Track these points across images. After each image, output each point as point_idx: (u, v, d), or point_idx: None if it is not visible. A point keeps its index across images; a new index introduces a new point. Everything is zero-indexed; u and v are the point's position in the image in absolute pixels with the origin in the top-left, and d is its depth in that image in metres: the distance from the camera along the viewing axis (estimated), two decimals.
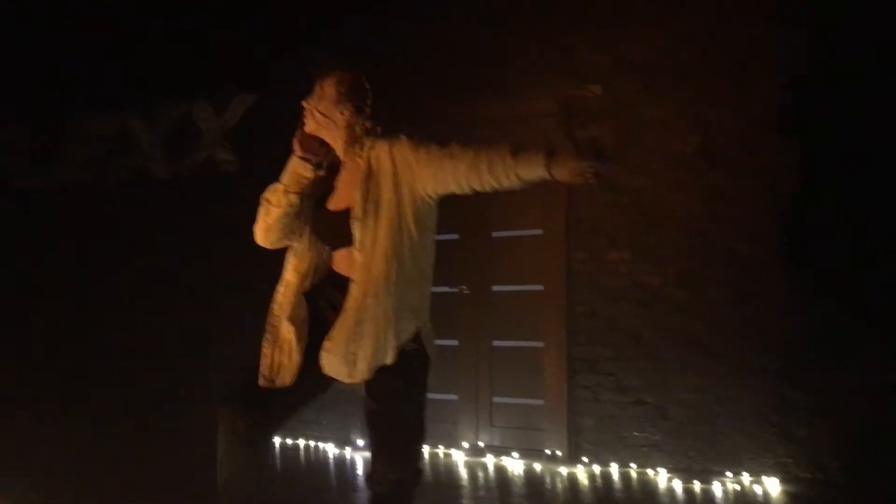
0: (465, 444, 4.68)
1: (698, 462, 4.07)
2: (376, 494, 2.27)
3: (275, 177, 5.03)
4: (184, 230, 5.61)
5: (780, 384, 3.91)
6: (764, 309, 3.95)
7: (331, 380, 2.28)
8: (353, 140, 2.38)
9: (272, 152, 5.23)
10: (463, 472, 4.26)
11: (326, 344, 2.21)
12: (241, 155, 5.56)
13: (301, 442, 5.08)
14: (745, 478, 3.87)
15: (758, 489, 3.77)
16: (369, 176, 2.31)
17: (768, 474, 3.86)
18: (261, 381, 2.25)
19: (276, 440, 5.08)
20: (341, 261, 2.36)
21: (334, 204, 2.38)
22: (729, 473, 3.90)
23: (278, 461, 4.61)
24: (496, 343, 4.86)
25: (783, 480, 3.80)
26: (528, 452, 4.49)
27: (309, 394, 2.34)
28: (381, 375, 2.22)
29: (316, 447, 5.00)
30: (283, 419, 2.30)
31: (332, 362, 2.21)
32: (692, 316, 4.09)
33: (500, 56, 4.69)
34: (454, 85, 4.83)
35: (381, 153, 2.32)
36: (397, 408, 2.27)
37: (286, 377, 2.24)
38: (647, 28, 4.33)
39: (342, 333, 2.20)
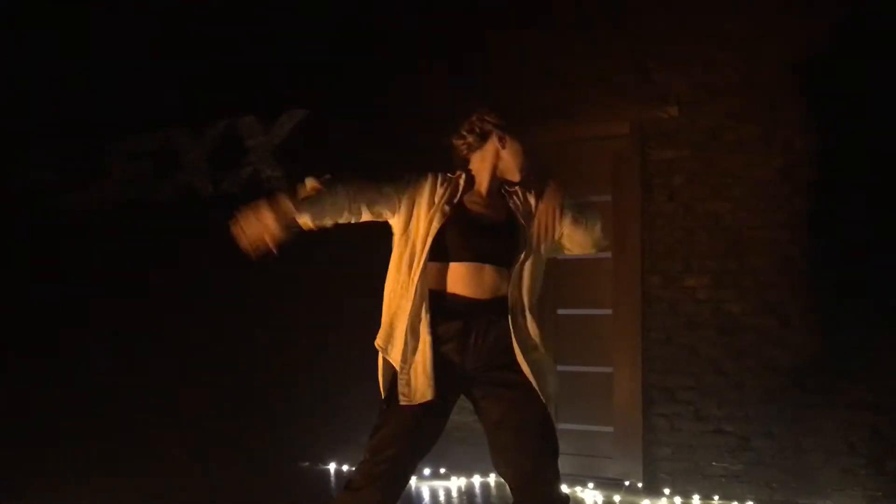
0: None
1: (781, 493, 3.98)
2: None
3: None
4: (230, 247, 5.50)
5: (871, 415, 3.83)
6: (854, 338, 3.87)
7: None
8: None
9: (320, 168, 5.28)
10: None
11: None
12: (289, 171, 5.46)
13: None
14: None
15: None
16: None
17: None
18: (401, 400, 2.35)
19: (332, 467, 4.95)
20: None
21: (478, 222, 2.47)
22: None
23: None
24: (561, 368, 4.76)
25: None
26: (601, 482, 4.39)
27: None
28: None
29: None
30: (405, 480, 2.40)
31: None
32: (777, 344, 4.01)
33: (574, 78, 4.61)
34: (527, 108, 4.75)
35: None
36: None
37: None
38: (726, 51, 4.25)
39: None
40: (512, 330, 2.39)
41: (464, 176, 2.55)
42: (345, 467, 4.98)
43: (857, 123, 3.95)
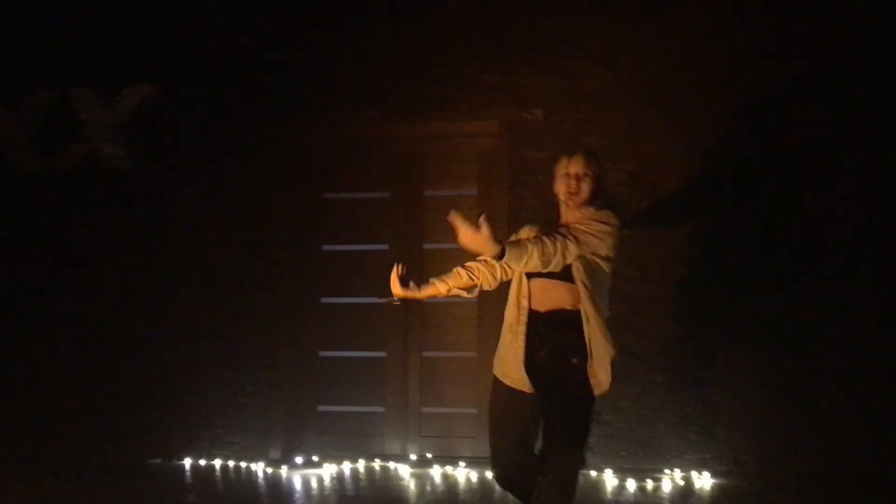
0: (412, 456, 4.70)
1: (630, 461, 4.47)
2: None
3: (176, 176, 4.73)
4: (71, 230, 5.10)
5: (703, 389, 4.42)
6: (688, 323, 4.44)
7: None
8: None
9: (174, 148, 5.05)
10: (411, 483, 4.29)
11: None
12: (133, 149, 5.13)
13: (217, 462, 4.77)
14: (677, 474, 4.33)
15: (686, 483, 4.22)
16: None
17: (692, 470, 4.35)
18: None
19: (187, 462, 4.74)
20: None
21: None
22: (667, 471, 4.35)
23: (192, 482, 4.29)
24: (427, 354, 4.94)
25: (708, 476, 4.31)
26: (471, 461, 4.62)
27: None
28: None
29: (237, 466, 4.72)
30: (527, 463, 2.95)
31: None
32: (627, 330, 4.47)
33: (448, 77, 4.84)
34: (401, 103, 4.89)
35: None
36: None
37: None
38: (587, 63, 4.69)
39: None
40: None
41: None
42: (201, 461, 4.77)
43: (703, 132, 4.54)
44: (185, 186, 5.09)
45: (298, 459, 4.64)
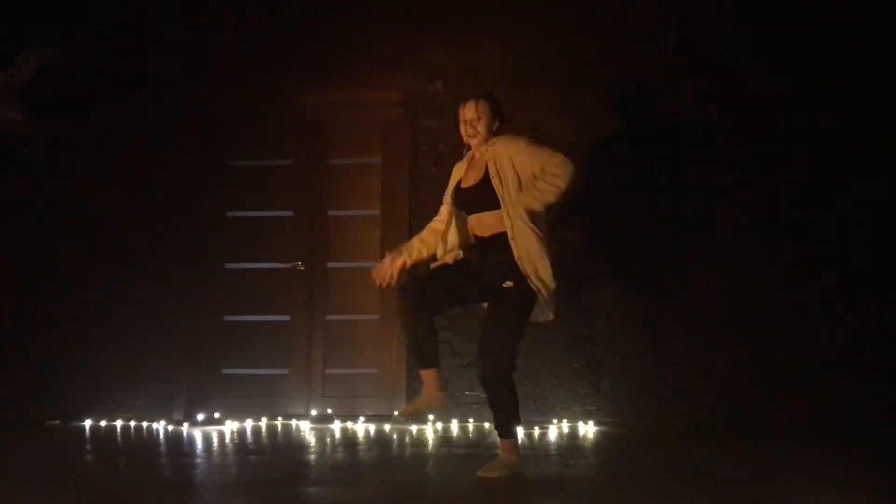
0: (312, 412, 4.84)
1: (522, 414, 4.70)
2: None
3: (77, 141, 4.77)
4: None
5: (589, 346, 4.72)
6: (576, 282, 4.72)
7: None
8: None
9: (75, 113, 5.03)
10: (311, 436, 4.42)
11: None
12: (32, 114, 5.08)
13: (119, 423, 4.79)
14: (564, 425, 4.61)
15: (572, 431, 4.50)
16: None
17: (579, 421, 4.65)
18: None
19: (87, 424, 4.74)
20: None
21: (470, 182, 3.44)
22: (554, 421, 4.63)
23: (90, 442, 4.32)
24: (330, 317, 5.08)
25: (592, 425, 4.61)
26: (371, 418, 4.79)
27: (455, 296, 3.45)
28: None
29: (139, 426, 4.75)
30: (437, 302, 3.37)
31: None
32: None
33: (350, 46, 4.99)
34: (301, 69, 5.00)
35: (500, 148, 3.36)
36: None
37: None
38: (486, 39, 4.93)
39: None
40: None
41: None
42: (102, 423, 4.78)
43: (591, 105, 4.84)
44: (85, 151, 5.08)
45: (200, 416, 4.71)
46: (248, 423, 4.74)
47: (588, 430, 4.53)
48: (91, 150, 5.09)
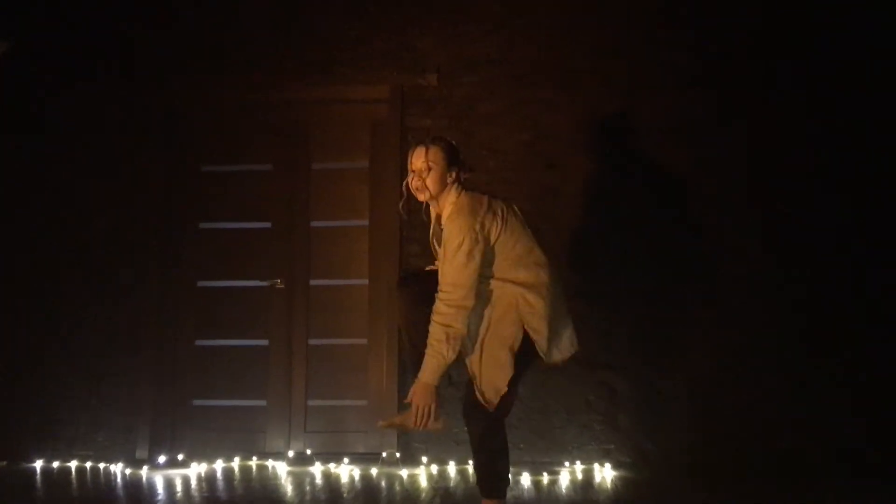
0: (290, 453, 4.28)
1: (529, 454, 4.15)
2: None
3: (32, 145, 4.26)
4: None
5: (605, 373, 4.13)
6: (598, 308, 4.13)
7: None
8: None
9: (28, 114, 4.52)
10: (287, 483, 3.87)
11: None
12: None
13: (73, 464, 4.26)
14: (578, 467, 4.02)
15: (587, 476, 3.91)
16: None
17: (593, 460, 4.06)
18: None
19: (38, 465, 4.22)
20: None
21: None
22: (566, 464, 4.05)
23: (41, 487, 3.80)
24: (312, 342, 4.53)
25: (609, 468, 4.02)
26: (357, 457, 4.23)
27: None
28: None
29: (96, 468, 4.22)
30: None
31: None
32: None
33: (333, 38, 4.44)
34: (279, 63, 4.47)
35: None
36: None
37: None
38: (483, 27, 4.36)
39: None
40: None
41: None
42: (55, 464, 4.26)
43: (601, 100, 4.25)
44: (41, 157, 4.57)
45: (162, 459, 4.17)
46: (219, 465, 4.19)
47: (605, 474, 3.94)
48: (42, 158, 4.57)
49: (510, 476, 2.99)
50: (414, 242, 4.28)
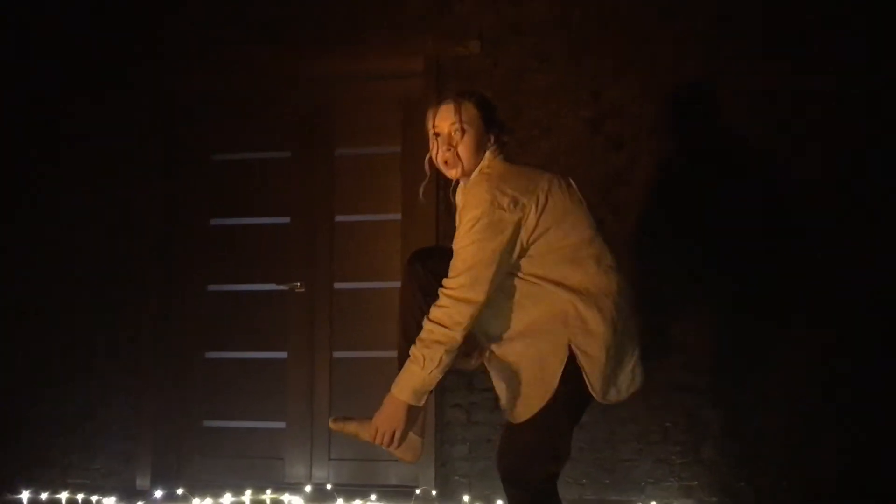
0: (307, 488, 3.67)
1: (592, 490, 3.47)
2: None
3: (28, 135, 3.75)
4: None
5: (687, 397, 3.43)
6: (670, 319, 3.45)
7: None
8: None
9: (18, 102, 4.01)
10: None
11: None
12: None
13: (63, 496, 3.71)
14: None
15: None
16: None
17: (672, 499, 3.37)
18: None
19: (25, 497, 3.68)
20: None
21: None
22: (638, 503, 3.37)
23: None
24: (337, 354, 3.93)
25: None
26: (387, 491, 3.61)
27: None
28: None
29: (88, 501, 3.67)
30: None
31: None
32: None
33: (360, 4, 3.83)
34: (297, 35, 3.88)
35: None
36: None
37: None
38: None
39: None
40: None
41: None
42: (43, 496, 3.72)
43: (677, 71, 3.57)
44: (36, 147, 4.05)
45: (158, 494, 3.59)
46: (227, 500, 3.60)
47: None
48: (35, 148, 4.05)
49: None
50: (451, 239, 3.64)
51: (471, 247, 2.05)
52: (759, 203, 3.46)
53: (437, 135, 2.23)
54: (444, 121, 2.21)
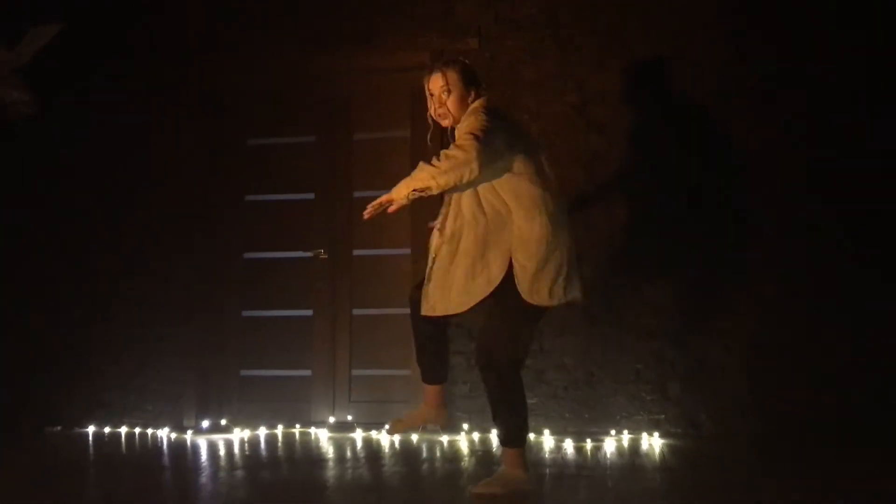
0: (331, 420, 4.26)
1: (574, 424, 4.02)
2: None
3: (82, 125, 4.25)
4: None
5: (655, 342, 3.98)
6: (648, 274, 3.99)
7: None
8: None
9: (78, 89, 4.59)
10: (329, 447, 3.85)
11: None
12: (40, 94, 4.67)
13: (123, 430, 4.34)
14: (625, 437, 3.88)
15: (635, 445, 3.76)
16: None
17: (642, 431, 3.91)
18: None
19: (91, 430, 4.30)
20: None
21: None
22: (612, 432, 3.91)
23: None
24: (356, 311, 4.50)
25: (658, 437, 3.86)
26: None
27: None
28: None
29: (144, 434, 4.28)
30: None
31: None
32: None
33: (372, 5, 4.40)
34: (320, 37, 4.45)
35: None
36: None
37: None
38: None
39: None
40: None
41: None
42: (106, 429, 4.34)
43: (648, 62, 4.10)
44: (91, 136, 4.66)
45: (205, 424, 4.20)
46: (262, 432, 4.20)
47: (653, 443, 3.79)
48: (89, 132, 4.65)
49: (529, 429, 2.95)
50: None
51: (472, 134, 2.59)
52: (714, 172, 3.99)
53: (431, 95, 2.86)
54: (434, 84, 2.85)
